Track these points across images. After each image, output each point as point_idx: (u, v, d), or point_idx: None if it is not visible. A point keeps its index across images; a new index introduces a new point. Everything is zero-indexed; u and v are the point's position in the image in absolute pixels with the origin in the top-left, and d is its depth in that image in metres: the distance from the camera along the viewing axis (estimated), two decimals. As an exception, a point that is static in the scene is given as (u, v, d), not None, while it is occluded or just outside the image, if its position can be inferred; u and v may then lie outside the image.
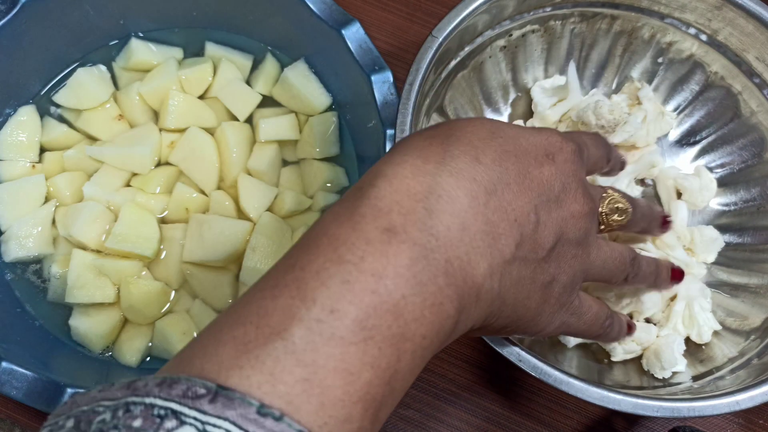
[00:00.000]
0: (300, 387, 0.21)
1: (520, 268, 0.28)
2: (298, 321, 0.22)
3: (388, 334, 0.22)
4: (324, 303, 0.22)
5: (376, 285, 0.23)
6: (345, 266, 0.23)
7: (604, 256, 0.33)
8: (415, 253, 0.24)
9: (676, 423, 0.47)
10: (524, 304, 0.29)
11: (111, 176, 0.50)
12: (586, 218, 0.31)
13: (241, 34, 0.55)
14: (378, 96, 0.47)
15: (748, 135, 0.49)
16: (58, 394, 0.40)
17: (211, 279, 0.48)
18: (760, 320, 0.44)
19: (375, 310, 0.22)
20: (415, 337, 0.23)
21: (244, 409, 0.20)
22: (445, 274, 0.24)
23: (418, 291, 0.23)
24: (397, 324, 0.23)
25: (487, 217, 0.26)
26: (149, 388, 0.20)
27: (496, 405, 0.49)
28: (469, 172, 0.27)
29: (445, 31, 0.43)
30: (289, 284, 0.23)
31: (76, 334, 0.46)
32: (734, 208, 0.50)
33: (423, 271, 0.24)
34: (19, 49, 0.49)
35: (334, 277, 0.23)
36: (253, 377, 0.21)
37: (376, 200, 0.25)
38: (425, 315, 0.23)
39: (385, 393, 0.23)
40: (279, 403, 0.20)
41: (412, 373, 0.24)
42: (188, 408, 0.20)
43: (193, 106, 0.52)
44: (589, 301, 0.34)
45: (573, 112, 0.50)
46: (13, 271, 0.48)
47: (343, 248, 0.23)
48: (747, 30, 0.46)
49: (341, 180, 0.52)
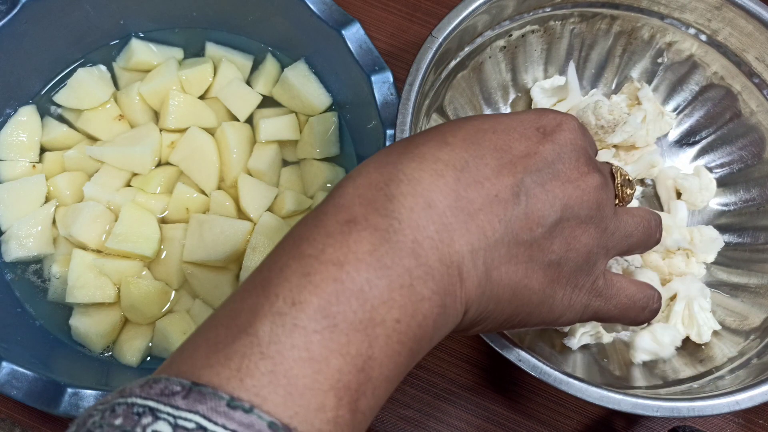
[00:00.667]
0: (266, 379, 0.21)
1: (512, 245, 0.26)
2: (261, 317, 0.22)
3: (354, 320, 0.22)
4: (286, 296, 0.22)
5: (337, 273, 0.22)
6: (306, 260, 0.23)
7: (625, 228, 0.31)
8: (376, 238, 0.23)
9: (676, 423, 0.47)
10: (525, 285, 0.27)
11: (111, 176, 0.50)
12: (597, 191, 0.29)
13: (241, 34, 0.55)
14: (378, 96, 0.47)
15: (748, 135, 0.49)
16: (58, 394, 0.40)
17: (212, 279, 0.48)
18: (760, 320, 0.44)
19: (338, 297, 0.22)
20: (387, 321, 0.23)
21: (215, 402, 0.20)
22: (413, 255, 0.24)
23: (382, 274, 0.23)
24: (362, 309, 0.22)
25: (458, 193, 0.25)
26: (133, 390, 0.21)
27: (496, 405, 0.49)
28: (433, 153, 0.26)
29: (445, 31, 0.43)
30: (256, 285, 0.24)
31: (77, 333, 0.46)
32: (734, 208, 0.50)
33: (386, 255, 0.23)
34: (19, 49, 0.49)
35: (295, 272, 0.23)
36: (222, 373, 0.21)
37: (339, 198, 0.25)
38: (394, 298, 0.23)
39: (360, 381, 0.22)
40: (247, 396, 0.20)
41: (392, 361, 0.23)
42: (163, 405, 0.20)
43: (193, 106, 0.52)
44: (620, 282, 0.32)
45: (573, 113, 0.50)
46: (13, 271, 0.48)
47: (305, 244, 0.24)
48: (747, 30, 0.46)
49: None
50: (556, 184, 0.27)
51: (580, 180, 0.28)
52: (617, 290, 0.31)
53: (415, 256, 0.24)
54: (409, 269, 0.23)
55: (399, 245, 0.24)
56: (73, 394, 0.40)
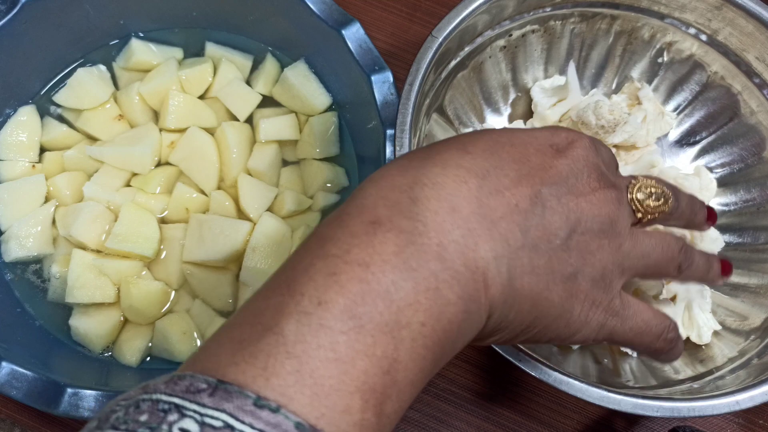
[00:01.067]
0: (292, 378, 0.21)
1: (532, 255, 0.26)
2: (287, 315, 0.22)
3: (380, 321, 0.22)
4: (311, 295, 0.22)
5: (363, 274, 0.23)
6: (331, 260, 0.23)
7: (642, 248, 0.30)
8: (401, 239, 0.23)
9: (676, 423, 0.47)
10: (545, 297, 0.27)
11: (111, 176, 0.50)
12: (607, 205, 0.29)
13: (241, 34, 0.55)
14: (378, 96, 0.47)
15: (748, 135, 0.49)
16: (58, 394, 0.40)
17: (211, 279, 0.48)
18: (760, 320, 0.44)
19: (363, 298, 0.22)
20: (412, 324, 0.23)
21: (242, 401, 0.20)
22: (438, 258, 0.24)
23: (408, 276, 0.23)
24: (389, 311, 0.22)
25: (480, 200, 0.25)
26: (157, 386, 0.21)
27: (496, 405, 0.49)
28: (456, 160, 0.26)
29: (445, 31, 0.43)
30: (280, 284, 0.24)
31: (76, 334, 0.46)
32: (734, 208, 0.50)
33: (412, 257, 0.23)
34: (19, 49, 0.49)
35: (321, 271, 0.23)
36: (248, 372, 0.21)
37: (362, 199, 0.25)
38: (420, 300, 0.23)
39: (385, 383, 0.22)
40: (273, 395, 0.20)
41: (417, 365, 0.23)
42: (189, 402, 0.20)
43: (193, 106, 0.52)
44: (637, 306, 0.31)
45: (573, 112, 0.50)
46: (13, 271, 0.48)
47: (330, 244, 0.24)
48: (747, 30, 0.46)
49: (341, 180, 0.52)
50: (570, 198, 0.28)
51: (591, 194, 0.28)
52: (634, 312, 0.31)
53: (440, 259, 0.24)
54: (434, 272, 0.23)
55: (424, 248, 0.24)
56: (73, 394, 0.40)
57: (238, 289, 0.48)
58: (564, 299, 0.28)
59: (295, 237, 0.49)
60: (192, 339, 0.47)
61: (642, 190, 0.31)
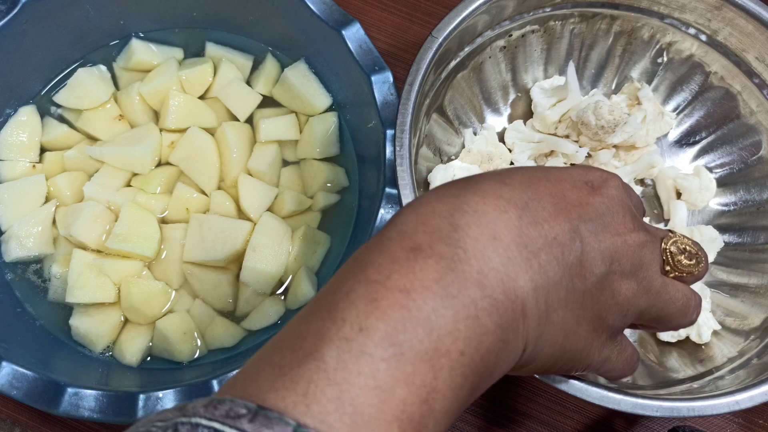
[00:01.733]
0: (332, 406, 0.21)
1: (569, 289, 0.26)
2: (328, 341, 0.22)
3: (421, 349, 0.22)
4: (353, 322, 0.22)
5: (404, 300, 0.22)
6: (372, 285, 0.23)
7: (666, 297, 0.30)
8: (442, 266, 0.23)
9: (676, 423, 0.47)
10: (575, 332, 0.27)
11: (111, 176, 0.50)
12: (642, 248, 0.29)
13: (241, 34, 0.55)
14: (378, 96, 0.47)
15: (748, 135, 0.49)
16: (58, 394, 0.40)
17: (212, 279, 0.48)
18: (760, 320, 0.44)
19: (404, 325, 0.22)
20: (451, 352, 0.22)
21: (281, 428, 0.20)
22: (478, 285, 0.23)
23: (448, 304, 0.23)
24: (429, 339, 0.22)
25: (521, 230, 0.25)
26: (196, 409, 0.21)
27: (497, 405, 0.49)
28: (495, 190, 0.26)
29: (445, 31, 0.43)
30: (321, 309, 0.23)
31: (77, 333, 0.46)
32: (734, 208, 0.50)
33: (452, 284, 0.23)
34: (19, 49, 0.49)
35: (362, 297, 0.23)
36: (288, 398, 0.21)
37: (402, 225, 0.25)
38: (459, 329, 0.23)
39: (423, 413, 0.22)
40: (313, 423, 0.20)
41: (455, 395, 0.23)
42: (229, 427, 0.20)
43: (193, 106, 0.52)
44: (626, 340, 0.32)
45: (573, 113, 0.50)
46: (13, 271, 0.48)
47: (371, 269, 0.24)
48: (747, 30, 0.46)
49: (341, 180, 0.52)
50: (606, 236, 0.28)
51: (626, 235, 0.28)
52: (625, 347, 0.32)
53: (480, 287, 0.24)
54: (474, 300, 0.23)
55: (465, 275, 0.23)
56: (73, 394, 0.40)
57: (238, 289, 0.48)
58: (590, 333, 0.28)
59: (295, 237, 0.49)
60: (192, 339, 0.47)
61: (677, 245, 0.31)
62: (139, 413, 0.39)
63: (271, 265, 0.48)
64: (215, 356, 0.47)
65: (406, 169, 0.40)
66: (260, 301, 0.48)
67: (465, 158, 0.50)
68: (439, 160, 0.50)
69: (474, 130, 0.52)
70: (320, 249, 0.50)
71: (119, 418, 0.40)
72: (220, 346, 0.47)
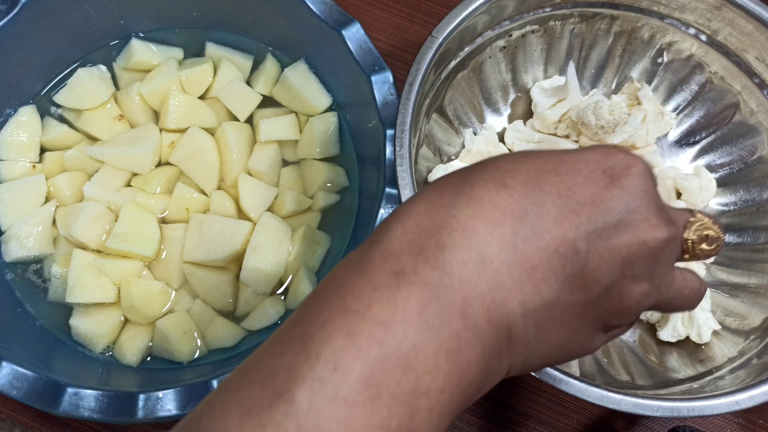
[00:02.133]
0: None
1: (566, 306, 0.24)
2: (300, 381, 0.21)
3: (398, 391, 0.21)
4: (328, 359, 0.21)
5: (383, 335, 0.21)
6: (350, 317, 0.22)
7: (674, 290, 0.28)
8: (425, 295, 0.22)
9: (676, 423, 0.47)
10: (572, 340, 0.26)
11: (111, 176, 0.50)
12: (663, 247, 0.25)
13: (241, 34, 0.55)
14: (378, 96, 0.47)
15: (748, 135, 0.49)
16: (58, 394, 0.40)
17: (212, 279, 0.48)
18: (760, 320, 0.44)
19: (382, 365, 0.21)
20: (431, 391, 0.21)
21: None
22: (461, 316, 0.22)
23: (430, 338, 0.21)
24: (407, 379, 0.21)
25: (515, 247, 0.23)
26: None
27: (497, 405, 0.49)
28: (490, 198, 0.24)
29: (445, 31, 0.43)
30: (296, 338, 0.22)
31: (77, 333, 0.46)
32: (734, 208, 0.50)
33: (435, 315, 0.22)
34: (19, 49, 0.49)
35: (339, 329, 0.21)
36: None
37: (387, 243, 0.23)
38: (440, 365, 0.22)
39: None
40: None
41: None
42: None
43: (193, 106, 0.52)
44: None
45: (573, 113, 0.50)
46: (13, 271, 0.48)
47: (350, 296, 0.22)
48: (747, 30, 0.46)
49: (341, 180, 0.52)
50: (619, 239, 0.24)
51: (647, 234, 0.25)
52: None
53: (464, 317, 0.22)
54: (457, 332, 0.22)
55: (448, 304, 0.22)
56: (73, 394, 0.40)
57: (238, 289, 0.48)
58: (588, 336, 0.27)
59: (295, 237, 0.49)
60: (192, 339, 0.47)
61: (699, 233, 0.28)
62: (139, 413, 0.39)
63: (271, 265, 0.48)
64: (215, 356, 0.47)
65: (406, 169, 0.40)
66: (260, 301, 0.48)
67: (465, 158, 0.50)
68: (439, 160, 0.50)
69: (474, 130, 0.52)
70: (320, 249, 0.50)
71: (119, 418, 0.40)
72: (220, 346, 0.47)
